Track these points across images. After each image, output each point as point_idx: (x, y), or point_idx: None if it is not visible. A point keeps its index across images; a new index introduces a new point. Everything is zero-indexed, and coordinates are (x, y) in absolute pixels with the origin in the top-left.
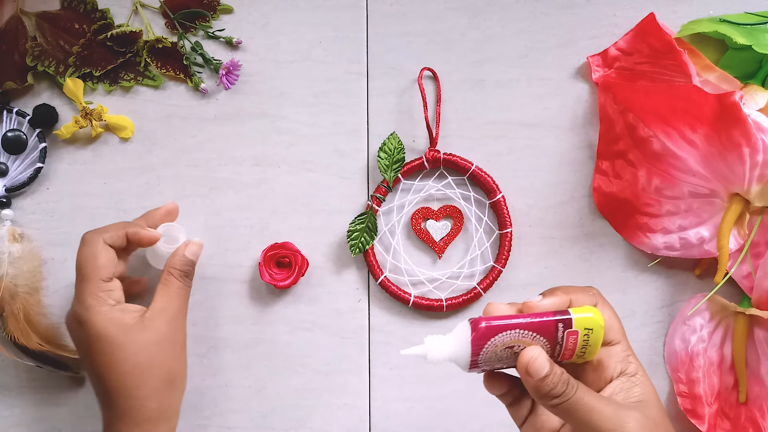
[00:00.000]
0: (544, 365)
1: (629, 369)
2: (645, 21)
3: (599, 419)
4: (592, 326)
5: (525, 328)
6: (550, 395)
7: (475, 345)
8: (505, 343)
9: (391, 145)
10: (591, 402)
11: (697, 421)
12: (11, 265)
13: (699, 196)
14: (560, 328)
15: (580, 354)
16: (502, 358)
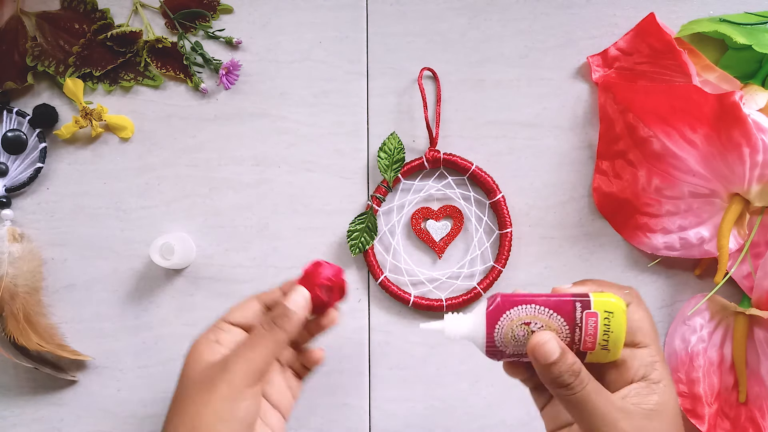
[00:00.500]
0: (554, 350)
1: (653, 375)
2: (645, 21)
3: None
4: (613, 310)
5: (541, 305)
6: (557, 383)
7: (490, 318)
8: (521, 318)
9: (391, 145)
10: (597, 401)
11: (697, 421)
12: (11, 265)
13: (699, 196)
14: (578, 308)
15: (602, 344)
16: (518, 338)
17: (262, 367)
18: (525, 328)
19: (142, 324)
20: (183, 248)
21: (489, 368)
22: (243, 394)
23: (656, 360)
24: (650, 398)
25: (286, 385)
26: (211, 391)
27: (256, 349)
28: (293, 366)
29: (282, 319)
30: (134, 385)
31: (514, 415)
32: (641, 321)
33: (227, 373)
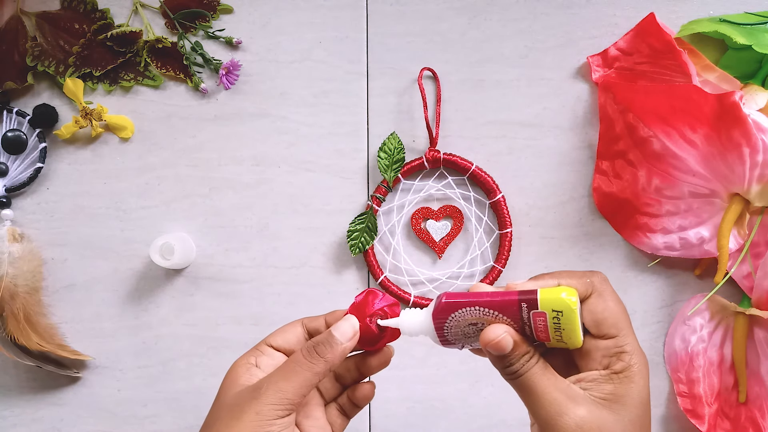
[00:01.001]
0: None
1: (616, 366)
2: (645, 21)
3: (539, 402)
4: (562, 308)
5: (486, 306)
6: (506, 371)
7: (437, 319)
8: (467, 320)
9: (391, 145)
10: (539, 383)
11: (697, 421)
12: (11, 265)
13: (699, 196)
14: (524, 308)
15: (556, 338)
16: (469, 335)
17: (294, 398)
18: (473, 327)
19: (142, 324)
20: (183, 248)
21: (489, 368)
22: (272, 426)
23: (623, 351)
24: (604, 387)
25: (326, 420)
26: (239, 419)
27: (289, 377)
28: (341, 402)
29: (324, 348)
30: (134, 385)
31: (514, 415)
32: (605, 312)
33: (257, 402)
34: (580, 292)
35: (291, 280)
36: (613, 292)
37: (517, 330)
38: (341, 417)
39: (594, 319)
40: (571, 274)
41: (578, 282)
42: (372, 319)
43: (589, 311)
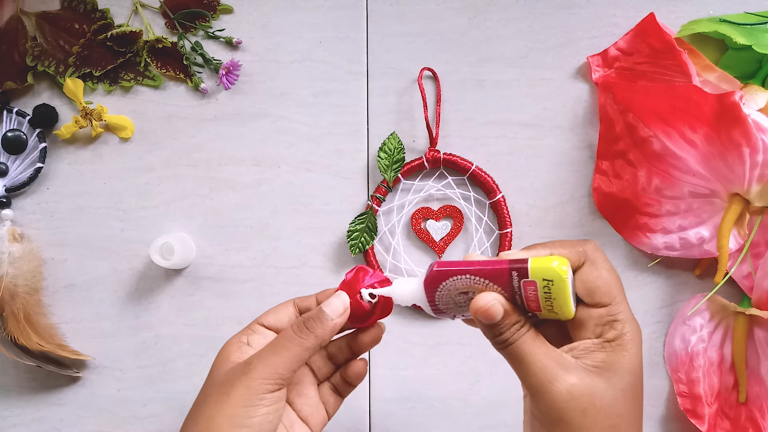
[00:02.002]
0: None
1: (608, 334)
2: (645, 21)
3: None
4: (552, 277)
5: (477, 275)
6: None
7: (428, 288)
8: (458, 288)
9: (391, 145)
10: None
11: (697, 421)
12: (11, 265)
13: (699, 196)
14: (515, 277)
15: (548, 308)
16: (460, 304)
17: (284, 372)
18: (464, 296)
19: (142, 324)
20: (183, 248)
21: (489, 368)
22: (261, 400)
23: (616, 319)
24: (596, 355)
25: (319, 399)
26: (228, 394)
27: (279, 352)
28: (334, 381)
29: (314, 323)
30: (134, 385)
31: (514, 415)
32: (598, 281)
33: (246, 376)
34: (572, 261)
35: (291, 280)
36: (606, 260)
37: (508, 299)
38: (334, 396)
39: (586, 287)
40: (563, 243)
41: (570, 251)
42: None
43: (582, 280)
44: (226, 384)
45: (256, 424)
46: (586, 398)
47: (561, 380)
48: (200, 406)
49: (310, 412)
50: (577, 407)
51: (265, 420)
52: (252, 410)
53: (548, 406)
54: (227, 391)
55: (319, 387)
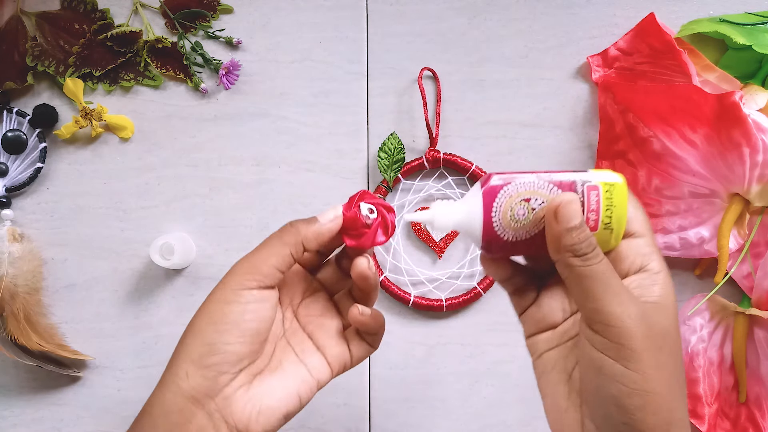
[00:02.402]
0: (578, 212)
1: (651, 265)
2: (645, 21)
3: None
4: (613, 182)
5: (542, 179)
6: (574, 251)
7: (487, 197)
8: (520, 194)
9: (391, 145)
10: (612, 278)
11: (697, 421)
12: (11, 265)
13: (699, 196)
14: (579, 182)
15: (605, 222)
16: (518, 218)
17: (263, 268)
18: (525, 206)
19: (142, 324)
20: (183, 248)
21: (489, 368)
22: (238, 297)
23: (653, 251)
24: (653, 290)
25: (341, 336)
26: (209, 294)
27: (259, 249)
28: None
29: (298, 222)
30: (134, 385)
31: (514, 415)
32: (635, 210)
33: (227, 276)
34: None
35: None
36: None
37: None
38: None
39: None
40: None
41: None
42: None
43: None
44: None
45: (231, 321)
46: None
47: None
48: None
49: (327, 344)
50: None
51: (240, 318)
52: (227, 307)
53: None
54: (210, 293)
55: (347, 330)
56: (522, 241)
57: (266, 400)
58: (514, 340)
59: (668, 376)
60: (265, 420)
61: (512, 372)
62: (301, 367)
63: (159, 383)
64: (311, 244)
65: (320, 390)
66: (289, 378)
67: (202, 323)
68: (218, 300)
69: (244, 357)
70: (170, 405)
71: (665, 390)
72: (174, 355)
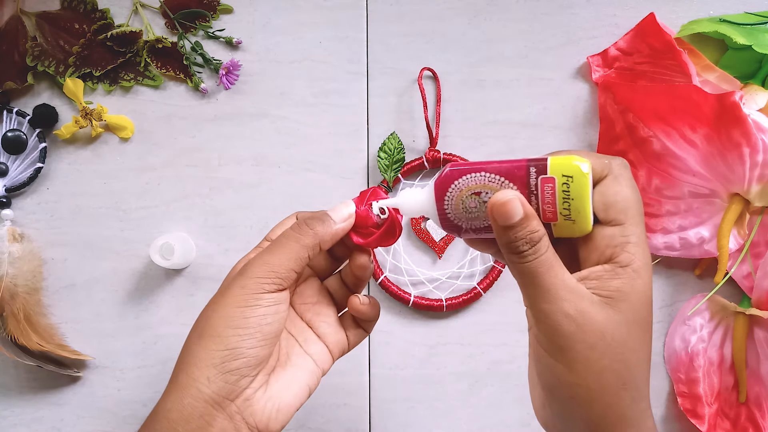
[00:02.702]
0: (516, 211)
1: (621, 257)
2: (645, 21)
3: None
4: (572, 173)
5: (491, 171)
6: (511, 248)
7: (438, 190)
8: (470, 187)
9: (391, 145)
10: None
11: (697, 421)
12: (11, 265)
13: (699, 196)
14: (532, 173)
15: (564, 213)
16: (470, 210)
17: (281, 271)
18: (476, 199)
19: (142, 324)
20: (183, 248)
21: (489, 368)
22: (258, 300)
23: (629, 241)
24: (611, 284)
25: (339, 323)
26: (224, 295)
27: (275, 251)
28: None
29: (314, 221)
30: (134, 385)
31: (514, 415)
32: (617, 195)
33: (242, 276)
34: (595, 171)
35: None
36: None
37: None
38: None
39: (604, 201)
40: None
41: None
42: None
43: (600, 192)
44: (224, 287)
45: (252, 324)
46: (597, 333)
47: (573, 311)
48: (202, 312)
49: (327, 331)
50: (586, 341)
51: (262, 321)
52: (247, 311)
53: (555, 335)
54: (223, 293)
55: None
56: (482, 228)
57: (284, 397)
58: (514, 340)
59: (600, 372)
60: (283, 417)
61: (512, 372)
62: (307, 359)
63: (174, 387)
64: (327, 245)
65: (319, 390)
66: (299, 372)
67: (220, 327)
68: (238, 304)
69: (263, 359)
70: (190, 410)
71: (595, 385)
72: (188, 358)
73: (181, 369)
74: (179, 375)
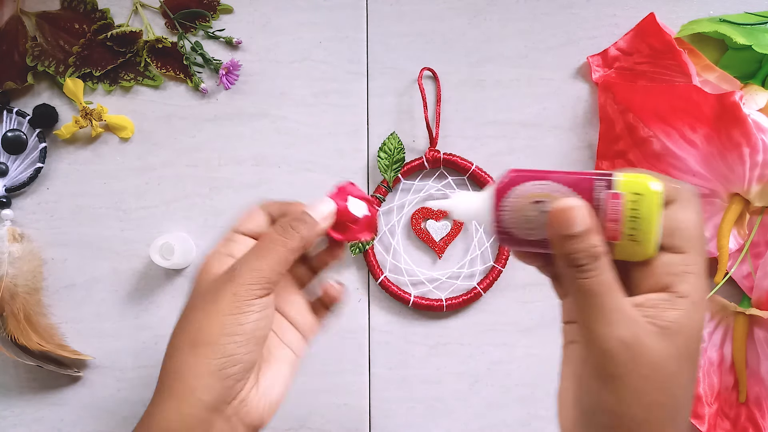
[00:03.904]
0: (582, 220)
1: (680, 287)
2: (645, 21)
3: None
4: (642, 191)
5: (557, 181)
6: (571, 261)
7: (499, 194)
8: (533, 195)
9: (391, 145)
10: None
11: (697, 421)
12: (11, 265)
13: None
14: (598, 187)
15: (629, 233)
16: (529, 218)
17: (271, 276)
18: (536, 207)
19: (142, 324)
20: (183, 248)
21: (489, 368)
22: (251, 306)
23: (690, 271)
24: (668, 314)
25: (308, 306)
26: (216, 302)
27: (265, 256)
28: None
29: (298, 224)
30: (134, 385)
31: (514, 415)
32: (685, 222)
33: (233, 283)
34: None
35: None
36: (699, 207)
37: None
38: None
39: (670, 226)
40: (658, 175)
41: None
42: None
43: (667, 217)
44: (212, 292)
45: (248, 331)
46: (651, 364)
47: (630, 339)
48: (186, 319)
49: (299, 319)
50: (640, 372)
51: (256, 327)
52: (242, 317)
53: (608, 361)
54: (214, 300)
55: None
56: (538, 240)
57: (274, 392)
58: (514, 340)
59: (649, 405)
60: (273, 410)
61: (512, 372)
62: (286, 350)
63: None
64: (310, 246)
65: (319, 390)
66: (282, 364)
67: (215, 335)
68: (231, 312)
69: (256, 361)
70: (190, 419)
71: (642, 418)
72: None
73: (174, 378)
74: (173, 384)
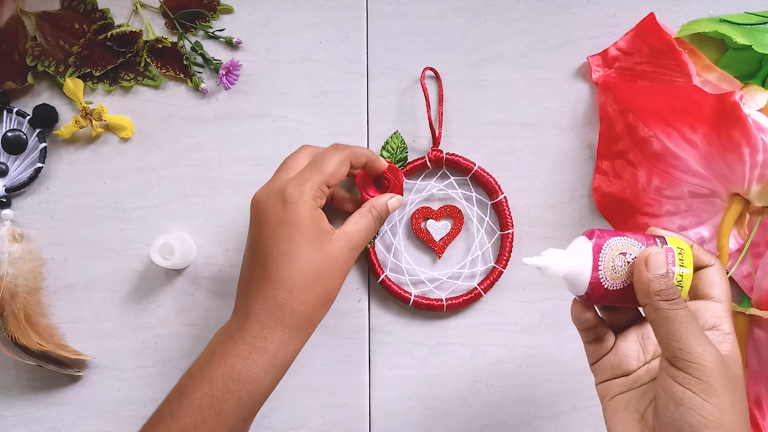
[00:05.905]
0: (664, 264)
1: (724, 326)
2: (645, 21)
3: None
4: (683, 247)
5: (632, 237)
6: (662, 295)
7: (596, 250)
8: (619, 248)
9: (393, 144)
10: (694, 323)
11: None
12: (11, 265)
13: (699, 196)
14: (659, 242)
15: (678, 279)
16: (617, 269)
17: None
18: (622, 258)
19: (142, 324)
20: (183, 248)
21: (489, 368)
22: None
23: (727, 316)
24: (724, 345)
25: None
26: (329, 244)
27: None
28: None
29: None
30: (134, 385)
31: (514, 415)
32: (720, 280)
33: (355, 249)
34: (702, 259)
35: None
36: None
37: None
38: None
39: (711, 281)
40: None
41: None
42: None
43: (709, 273)
44: (326, 240)
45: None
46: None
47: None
48: (296, 248)
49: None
50: (729, 384)
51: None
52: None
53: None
54: (324, 243)
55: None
56: (616, 290)
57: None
58: (514, 340)
59: (739, 415)
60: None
61: (512, 372)
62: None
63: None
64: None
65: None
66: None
67: (330, 263)
68: (345, 258)
69: None
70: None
71: (736, 425)
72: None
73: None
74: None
